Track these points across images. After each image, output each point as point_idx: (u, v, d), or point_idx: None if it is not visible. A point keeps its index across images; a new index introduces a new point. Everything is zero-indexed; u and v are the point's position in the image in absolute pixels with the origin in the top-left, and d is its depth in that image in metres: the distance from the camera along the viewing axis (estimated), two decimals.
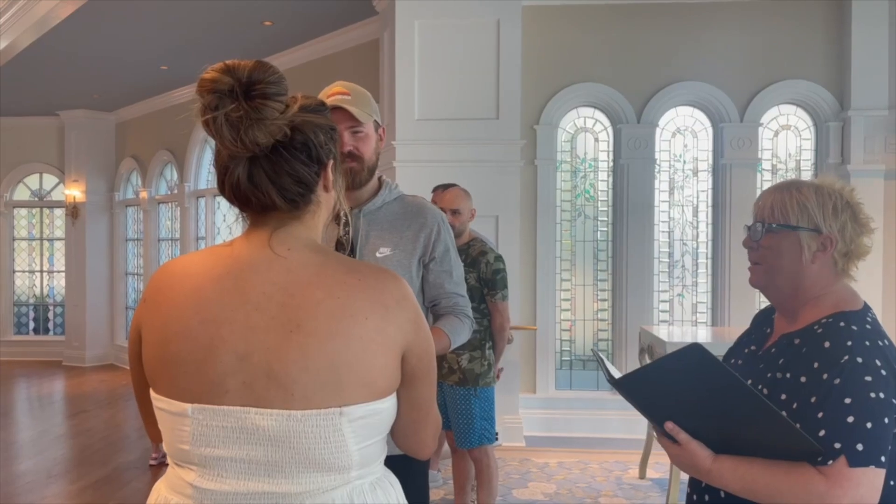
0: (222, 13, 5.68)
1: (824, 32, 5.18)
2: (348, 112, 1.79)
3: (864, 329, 1.29)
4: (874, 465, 1.18)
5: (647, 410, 1.36)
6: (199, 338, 1.01)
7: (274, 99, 1.00)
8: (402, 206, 1.92)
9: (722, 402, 1.23)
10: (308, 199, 1.07)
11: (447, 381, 3.38)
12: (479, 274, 3.37)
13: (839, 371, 1.23)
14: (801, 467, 1.22)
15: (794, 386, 1.28)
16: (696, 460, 1.28)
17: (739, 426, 1.25)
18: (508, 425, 5.03)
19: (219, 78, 1.00)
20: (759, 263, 1.42)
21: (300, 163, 1.04)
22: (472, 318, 2.00)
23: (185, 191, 8.31)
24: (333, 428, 0.99)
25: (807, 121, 5.37)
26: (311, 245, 1.09)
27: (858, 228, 1.37)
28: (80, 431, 5.87)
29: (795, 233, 1.36)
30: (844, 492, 1.18)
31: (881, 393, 1.20)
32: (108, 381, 8.18)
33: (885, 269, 5.00)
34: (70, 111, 9.11)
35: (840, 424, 1.20)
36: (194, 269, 1.07)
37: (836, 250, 1.36)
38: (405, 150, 5.05)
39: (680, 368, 1.24)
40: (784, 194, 1.38)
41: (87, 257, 9.27)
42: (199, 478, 1.03)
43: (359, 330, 1.01)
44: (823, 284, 1.38)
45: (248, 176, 1.03)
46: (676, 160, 5.54)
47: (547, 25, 5.33)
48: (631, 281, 5.38)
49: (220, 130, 0.99)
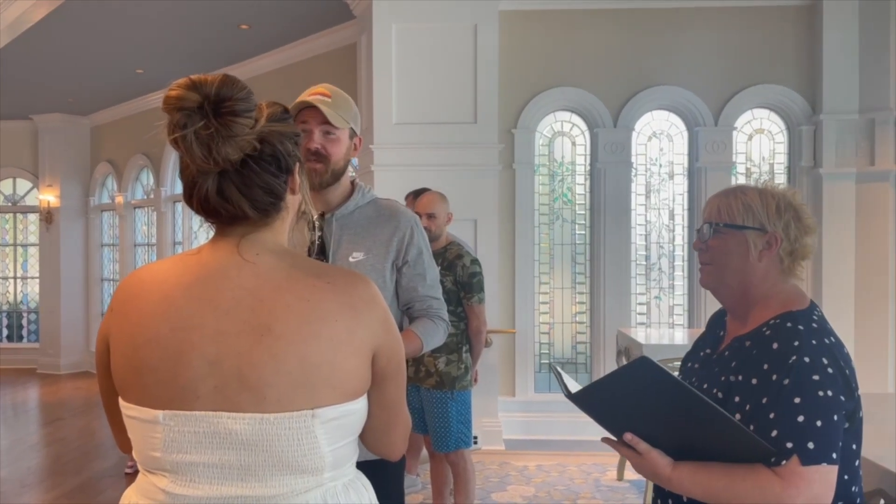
0: (198, 16, 5.64)
1: (796, 38, 5.26)
2: (318, 112, 1.79)
3: (810, 328, 1.32)
4: (826, 462, 1.21)
5: (605, 422, 1.37)
6: (169, 344, 1.01)
7: (243, 115, 1.01)
8: (376, 210, 1.91)
9: (675, 410, 1.25)
10: (278, 207, 1.09)
11: (424, 384, 3.38)
12: (455, 277, 3.37)
13: (787, 371, 1.25)
14: (757, 469, 1.24)
15: (747, 388, 1.31)
16: (657, 469, 1.30)
17: (694, 433, 1.27)
18: (488, 429, 5.04)
19: (186, 95, 0.99)
20: (709, 264, 1.46)
21: (270, 174, 1.05)
22: (446, 321, 2.00)
23: (161, 195, 8.24)
24: (306, 430, 1.00)
25: (780, 125, 5.45)
26: (278, 250, 1.10)
27: (802, 228, 1.41)
28: (55, 440, 5.79)
29: (742, 232, 1.40)
30: (799, 491, 1.20)
31: (829, 391, 1.24)
32: (83, 388, 8.07)
33: (857, 269, 5.08)
34: (44, 115, 8.99)
35: (791, 424, 1.22)
36: (162, 277, 1.07)
37: (781, 248, 1.40)
38: (383, 153, 5.05)
39: (632, 381, 1.26)
40: (730, 197, 1.43)
41: (62, 263, 9.15)
42: (171, 483, 1.03)
43: (329, 332, 1.02)
44: (771, 283, 1.41)
45: (218, 190, 1.03)
46: (652, 164, 5.59)
47: (524, 30, 5.36)
48: (608, 284, 5.42)
49: (189, 148, 0.99)
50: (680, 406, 1.24)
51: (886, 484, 1.92)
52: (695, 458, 1.30)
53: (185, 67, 7.04)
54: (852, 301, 5.09)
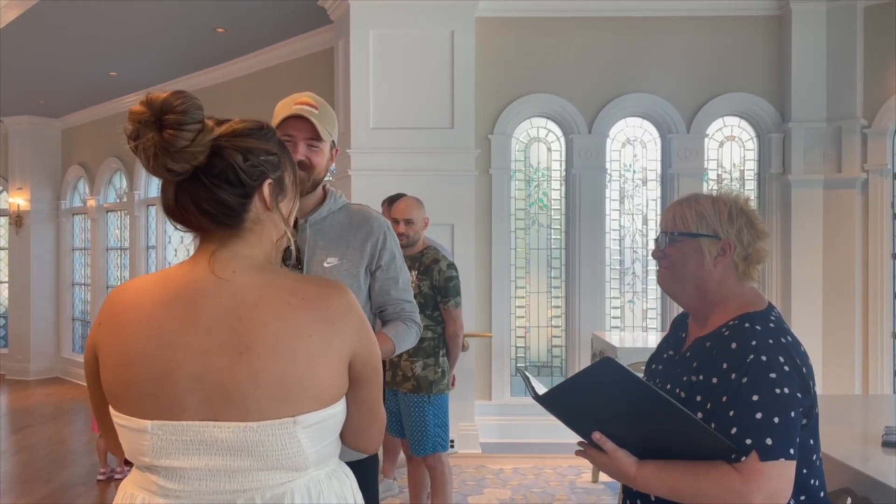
0: (174, 19, 5.60)
1: (766, 48, 5.37)
2: (310, 124, 1.81)
3: (767, 328, 1.37)
4: (784, 457, 1.25)
5: (573, 423, 1.40)
6: (156, 363, 1.06)
7: (182, 129, 1.04)
8: (348, 216, 1.94)
9: (639, 410, 1.29)
10: (239, 219, 1.11)
11: (401, 388, 3.40)
12: (432, 281, 3.39)
13: (745, 370, 1.30)
14: (718, 466, 1.28)
15: (708, 387, 1.35)
16: (622, 468, 1.34)
17: (658, 432, 1.31)
18: (464, 432, 5.06)
19: (138, 109, 1.05)
20: (666, 269, 1.51)
21: (219, 188, 1.08)
22: (418, 323, 2.03)
23: (134, 199, 8.14)
24: (289, 435, 1.05)
25: (750, 132, 5.56)
26: (255, 265, 1.13)
27: (755, 234, 1.46)
28: (24, 447, 5.69)
29: (696, 240, 1.45)
30: (759, 486, 1.24)
31: (785, 388, 1.28)
32: (53, 394, 7.93)
33: (824, 273, 5.19)
34: (14, 117, 8.84)
35: (749, 421, 1.26)
36: (148, 296, 1.11)
37: (735, 254, 1.44)
38: (360, 158, 5.06)
39: (597, 382, 1.29)
40: (684, 206, 1.48)
41: (32, 267, 9.00)
42: (162, 479, 1.09)
43: (305, 348, 1.07)
44: (728, 287, 1.46)
45: (175, 199, 1.09)
46: (626, 170, 5.67)
47: (500, 37, 5.41)
48: (583, 288, 5.48)
49: (140, 158, 1.06)
50: (644, 405, 1.27)
51: (853, 483, 1.97)
52: (659, 457, 1.33)
53: (160, 70, 6.99)
54: (820, 305, 5.20)
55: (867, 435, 2.32)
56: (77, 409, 7.06)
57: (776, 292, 5.32)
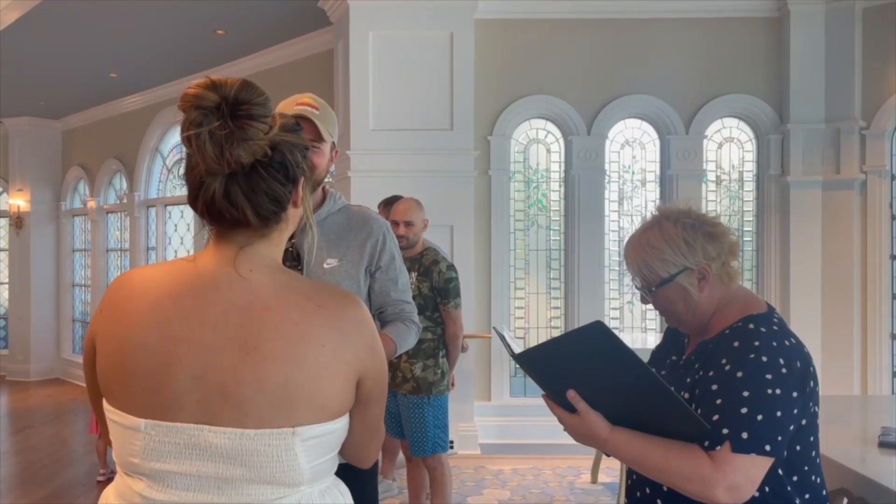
0: (174, 21, 5.61)
1: (764, 49, 5.39)
2: (313, 126, 1.81)
3: (771, 331, 1.38)
4: (755, 452, 1.27)
5: (547, 384, 1.40)
6: (156, 355, 1.01)
7: (260, 120, 1.02)
8: (347, 217, 1.94)
9: (620, 377, 1.30)
10: (280, 216, 1.09)
11: (401, 390, 3.40)
12: (431, 283, 3.40)
13: (742, 365, 1.32)
14: (693, 449, 1.30)
15: (704, 379, 1.37)
16: (594, 430, 1.34)
17: (635, 402, 1.32)
18: (464, 433, 5.07)
19: (204, 94, 1.00)
20: (663, 310, 1.51)
21: (277, 182, 1.06)
22: (418, 324, 2.05)
23: (134, 200, 8.15)
24: (286, 447, 1.00)
25: (749, 133, 5.57)
26: (274, 265, 1.10)
27: (717, 240, 1.45)
28: (25, 448, 5.69)
29: (674, 282, 1.44)
30: (725, 475, 1.26)
31: (778, 389, 1.29)
32: (53, 395, 7.94)
33: (823, 274, 5.20)
34: (14, 118, 8.85)
35: (733, 413, 1.28)
36: (156, 284, 1.07)
37: (714, 271, 1.44)
38: (360, 160, 5.07)
39: (583, 345, 1.30)
40: (644, 256, 1.46)
41: (32, 268, 9.01)
42: (147, 488, 1.04)
43: (315, 356, 1.02)
44: (719, 297, 1.47)
45: (225, 192, 1.03)
46: (625, 171, 5.68)
47: (499, 38, 5.42)
48: (583, 289, 5.49)
49: (202, 147, 1.00)
50: (626, 374, 1.29)
51: (850, 483, 1.98)
52: (629, 426, 1.35)
53: (160, 72, 7.01)
54: (819, 305, 5.21)
55: (864, 435, 2.33)
56: (77, 410, 7.07)
57: (775, 293, 5.34)
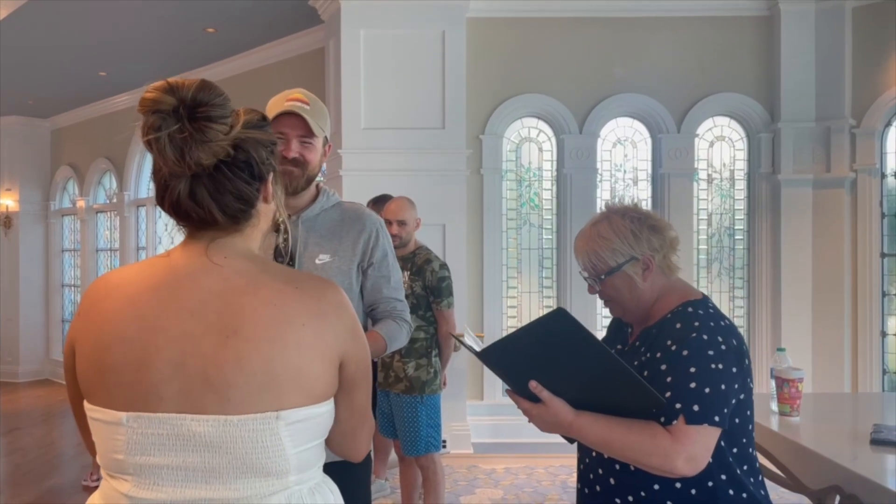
0: (165, 19, 5.58)
1: (755, 48, 5.40)
2: (303, 121, 1.80)
3: (707, 313, 1.50)
4: (707, 423, 1.37)
5: (510, 377, 1.47)
6: (134, 346, 1.01)
7: (218, 121, 1.01)
8: (341, 213, 1.93)
9: (582, 361, 1.37)
10: (248, 213, 1.09)
11: (393, 389, 3.40)
12: (424, 282, 3.39)
13: (687, 344, 1.43)
14: (652, 425, 1.40)
15: (651, 361, 1.48)
16: (560, 416, 1.42)
17: (596, 384, 1.39)
18: (456, 433, 5.06)
19: (162, 98, 1.00)
20: (609, 300, 1.62)
21: (242, 181, 1.06)
22: (409, 323, 2.03)
23: (124, 200, 8.10)
24: (270, 432, 1.00)
25: (740, 132, 5.58)
26: (247, 254, 1.11)
27: (660, 234, 1.57)
28: (13, 450, 5.65)
29: (620, 271, 1.56)
30: (683, 447, 1.36)
31: (720, 364, 1.41)
32: (43, 397, 7.88)
33: (813, 272, 5.23)
34: (3, 117, 8.77)
35: (683, 388, 1.39)
36: (131, 281, 1.07)
37: (656, 262, 1.56)
38: (352, 158, 5.05)
39: (546, 332, 1.36)
40: (593, 245, 1.57)
41: (21, 269, 8.94)
42: (134, 487, 1.02)
43: (295, 336, 1.02)
44: (660, 286, 1.58)
45: (190, 193, 1.04)
46: (617, 170, 5.68)
47: (491, 37, 5.42)
48: (575, 287, 5.49)
49: (163, 151, 1.00)
50: (587, 357, 1.36)
51: (842, 480, 1.98)
52: (590, 410, 1.43)
53: (151, 70, 6.95)
54: (810, 303, 5.23)
55: (856, 432, 2.34)
56: (67, 412, 7.02)
57: (765, 291, 5.36)
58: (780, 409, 2.50)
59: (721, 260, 5.59)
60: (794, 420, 2.46)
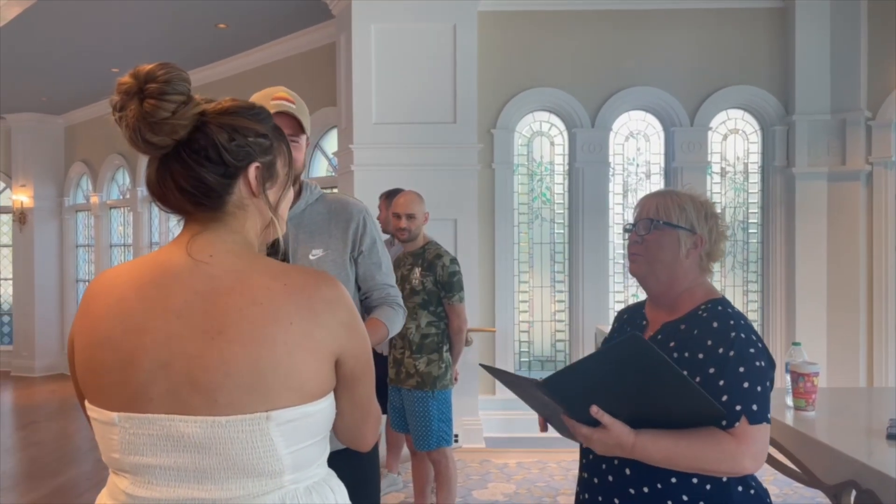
0: (176, 15, 5.60)
1: (769, 40, 5.35)
2: (294, 120, 1.80)
3: (736, 312, 1.52)
4: (765, 421, 1.40)
5: (569, 404, 1.42)
6: (121, 347, 1.00)
7: (163, 98, 1.00)
8: (326, 206, 1.94)
9: (649, 381, 1.35)
10: (220, 201, 1.06)
11: (405, 385, 3.40)
12: (435, 277, 3.39)
13: (731, 345, 1.43)
14: (713, 431, 1.39)
15: (694, 362, 1.46)
16: (622, 438, 1.39)
17: (657, 400, 1.37)
18: (468, 427, 5.07)
19: (125, 80, 1.02)
20: (641, 255, 1.60)
21: (200, 166, 1.03)
22: (403, 307, 2.05)
23: (137, 195, 8.15)
24: (260, 433, 0.98)
25: (754, 125, 5.54)
26: (235, 250, 1.07)
27: (720, 235, 1.60)
28: (30, 443, 5.71)
29: (676, 231, 1.57)
30: (748, 447, 1.38)
31: (762, 361, 1.43)
32: (58, 391, 7.96)
33: (828, 266, 5.18)
34: (17, 114, 8.85)
35: (739, 389, 1.40)
36: (121, 279, 1.06)
37: (703, 249, 1.57)
38: (363, 153, 5.05)
39: (618, 358, 1.35)
40: (667, 198, 1.60)
41: (36, 264, 9.02)
42: (131, 485, 1.03)
43: (283, 335, 0.99)
44: (692, 278, 1.59)
45: (158, 177, 1.05)
46: (630, 163, 5.65)
47: (503, 31, 5.39)
48: (587, 282, 5.47)
49: (122, 131, 1.03)
50: (656, 375, 1.33)
51: (858, 475, 1.97)
52: (646, 427, 1.41)
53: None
54: (825, 297, 5.18)
55: (872, 427, 2.32)
56: None
57: (780, 285, 5.32)
58: (795, 404, 2.48)
59: (735, 254, 5.55)
60: (810, 415, 2.44)
